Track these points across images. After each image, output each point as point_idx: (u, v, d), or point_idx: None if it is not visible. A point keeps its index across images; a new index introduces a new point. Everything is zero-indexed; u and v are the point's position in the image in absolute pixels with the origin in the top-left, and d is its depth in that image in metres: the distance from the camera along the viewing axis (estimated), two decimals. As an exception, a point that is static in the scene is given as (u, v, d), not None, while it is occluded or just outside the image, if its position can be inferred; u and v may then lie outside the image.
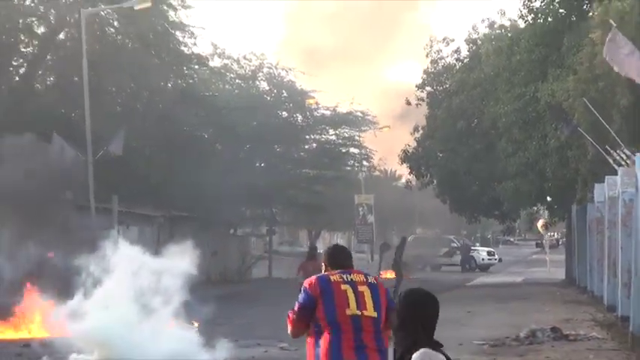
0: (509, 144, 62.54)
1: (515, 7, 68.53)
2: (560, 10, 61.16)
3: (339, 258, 14.09)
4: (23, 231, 45.38)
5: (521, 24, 65.96)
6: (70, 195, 48.98)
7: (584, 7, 59.74)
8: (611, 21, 39.22)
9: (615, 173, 39.70)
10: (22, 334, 36.83)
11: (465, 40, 75.26)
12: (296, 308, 13.11)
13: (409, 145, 78.63)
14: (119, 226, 41.79)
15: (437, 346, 7.43)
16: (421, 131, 77.24)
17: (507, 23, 69.75)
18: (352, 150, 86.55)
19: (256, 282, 70.65)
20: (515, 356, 31.34)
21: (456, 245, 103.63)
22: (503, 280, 79.59)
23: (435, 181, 79.98)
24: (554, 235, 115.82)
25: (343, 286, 12.59)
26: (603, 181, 42.62)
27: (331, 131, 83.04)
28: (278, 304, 31.57)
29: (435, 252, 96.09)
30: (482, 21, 73.44)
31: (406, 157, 78.80)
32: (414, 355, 6.52)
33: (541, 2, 62.18)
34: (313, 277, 13.75)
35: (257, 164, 72.88)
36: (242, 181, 65.07)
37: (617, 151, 39.40)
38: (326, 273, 13.62)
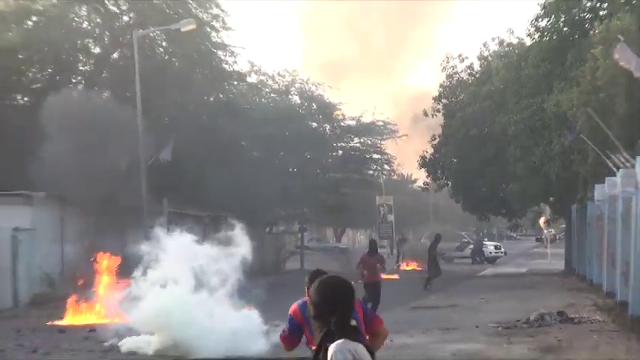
0: (517, 150, 62.56)
1: (523, 27, 68.28)
2: (565, 29, 61.47)
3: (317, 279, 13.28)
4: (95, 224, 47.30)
5: (528, 42, 65.96)
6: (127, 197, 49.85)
7: (586, 25, 59.90)
8: (620, 36, 39.88)
9: (613, 175, 40.06)
10: (88, 320, 36.97)
11: (477, 57, 75.24)
12: (286, 333, 13.90)
13: (427, 152, 79.03)
14: (169, 225, 41.60)
15: (355, 335, 7.10)
16: (438, 139, 77.23)
17: (515, 41, 69.47)
18: (374, 156, 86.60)
19: (290, 273, 70.81)
20: (527, 337, 31.60)
21: (466, 240, 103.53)
22: (510, 271, 79.40)
23: (449, 184, 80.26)
24: (552, 231, 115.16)
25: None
26: (603, 182, 42.77)
27: (356, 139, 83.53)
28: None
29: (449, 246, 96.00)
30: (493, 39, 73.47)
31: (424, 163, 79.23)
32: (332, 346, 6.46)
33: (547, 22, 62.38)
34: (296, 306, 14.21)
35: (290, 169, 72.88)
36: (277, 184, 66.23)
37: (616, 155, 39.60)
38: (307, 299, 13.34)
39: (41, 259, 47.68)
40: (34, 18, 60.52)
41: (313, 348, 11.81)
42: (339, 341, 6.60)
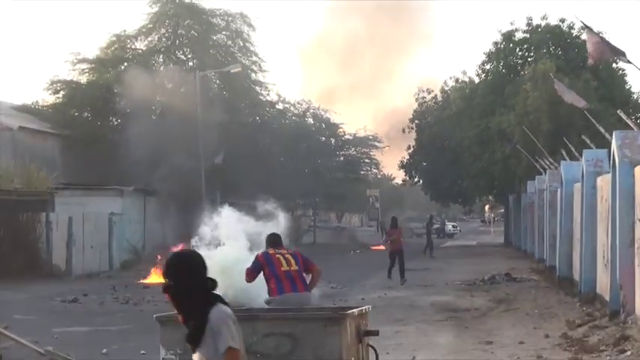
0: (470, 156, 64.21)
1: (473, 69, 69.57)
2: (503, 70, 64.00)
3: (274, 241, 17.11)
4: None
5: (477, 80, 66.87)
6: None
7: (519, 68, 61.86)
8: (551, 74, 42.96)
9: (541, 174, 42.38)
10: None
11: (440, 90, 76.53)
12: (250, 270, 16.43)
13: (404, 158, 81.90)
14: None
15: (222, 300, 6.44)
16: (412, 149, 79.57)
17: (467, 79, 69.48)
18: (366, 160, 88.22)
19: (306, 246, 70.74)
20: (484, 292, 31.54)
21: (436, 220, 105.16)
22: (464, 244, 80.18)
23: (420, 181, 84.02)
24: (492, 215, 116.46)
25: (277, 256, 16.05)
26: (534, 180, 46.03)
27: (352, 149, 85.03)
28: (325, 260, 31.48)
29: (419, 225, 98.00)
30: (450, 77, 74.43)
31: (402, 165, 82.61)
32: (215, 311, 5.67)
33: (490, 65, 63.49)
34: (260, 254, 17.04)
35: (306, 171, 73.49)
36: (296, 182, 67.28)
37: (543, 160, 40.07)
38: (267, 250, 16.71)
39: (129, 235, 49.10)
40: (125, 63, 60.68)
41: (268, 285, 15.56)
42: (218, 307, 5.75)
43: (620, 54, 17.89)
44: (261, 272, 15.96)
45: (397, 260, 35.23)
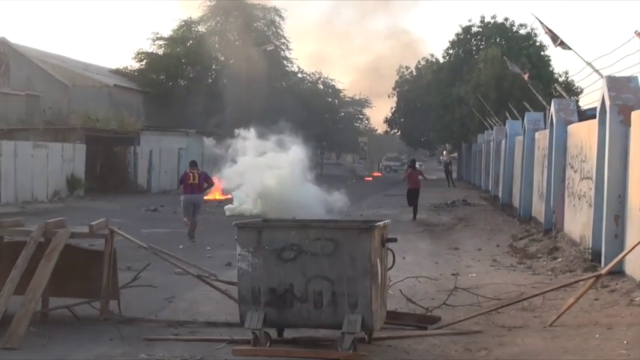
0: (436, 116, 63.91)
1: (440, 53, 69.84)
2: (462, 54, 63.20)
3: (192, 164, 20.79)
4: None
5: (442, 60, 66.56)
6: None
7: (473, 52, 61.12)
8: (504, 57, 44.37)
9: (489, 129, 42.59)
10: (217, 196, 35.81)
11: (414, 67, 76.32)
12: (179, 180, 21.29)
13: (388, 115, 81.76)
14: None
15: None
16: (394, 108, 79.80)
17: (435, 60, 69.60)
18: (359, 116, 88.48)
19: (315, 176, 71.29)
20: (448, 212, 31.56)
21: (405, 160, 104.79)
22: (429, 178, 79.12)
23: (400, 132, 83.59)
24: (449, 158, 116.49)
25: (189, 174, 20.29)
26: (483, 133, 46.22)
27: (351, 108, 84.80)
28: (331, 186, 31.42)
29: (397, 163, 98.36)
30: (423, 58, 75.10)
31: (386, 120, 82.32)
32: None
33: (452, 50, 63.66)
34: (184, 171, 21.23)
35: (319, 123, 73.50)
36: (311, 130, 66.74)
37: (491, 120, 40.05)
38: (187, 170, 20.73)
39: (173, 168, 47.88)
40: (190, 41, 61.20)
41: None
42: None
43: (561, 42, 17.52)
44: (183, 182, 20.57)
45: (412, 198, 29.14)
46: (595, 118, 15.23)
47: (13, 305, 9.47)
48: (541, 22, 18.10)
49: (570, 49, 17.19)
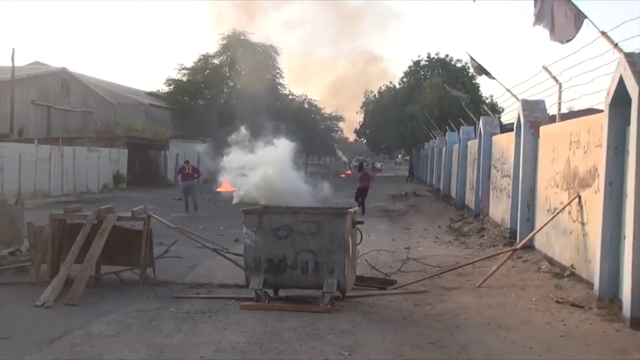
0: (393, 128, 62.34)
1: (397, 80, 68.34)
2: (413, 82, 61.89)
3: (186, 162, 22.86)
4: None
5: (398, 86, 65.63)
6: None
7: (421, 80, 60.28)
8: (445, 85, 43.56)
9: (433, 139, 41.34)
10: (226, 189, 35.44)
11: (377, 91, 74.66)
12: (179, 172, 22.61)
13: (357, 128, 79.51)
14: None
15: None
16: (361, 122, 77.68)
17: (392, 86, 68.75)
18: (335, 128, 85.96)
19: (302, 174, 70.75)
20: (402, 201, 30.93)
21: (369, 161, 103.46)
22: (387, 175, 78.01)
23: (366, 140, 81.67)
24: (401, 161, 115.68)
25: (185, 167, 21.89)
26: (428, 142, 45.36)
27: (328, 122, 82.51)
28: (315, 181, 31.19)
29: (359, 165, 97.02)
30: (383, 84, 73.34)
31: (356, 131, 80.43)
32: None
33: (406, 78, 62.99)
34: (181, 167, 22.90)
35: (305, 133, 72.54)
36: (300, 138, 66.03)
37: (435, 132, 39.65)
38: (183, 165, 22.57)
39: (208, 165, 45.66)
40: (207, 71, 60.66)
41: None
42: None
43: (487, 72, 17.51)
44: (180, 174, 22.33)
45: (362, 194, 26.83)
46: (512, 131, 15.34)
47: (73, 272, 9.47)
48: (471, 58, 18.05)
49: (494, 78, 17.21)
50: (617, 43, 8.88)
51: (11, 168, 26.88)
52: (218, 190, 33.59)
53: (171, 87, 59.66)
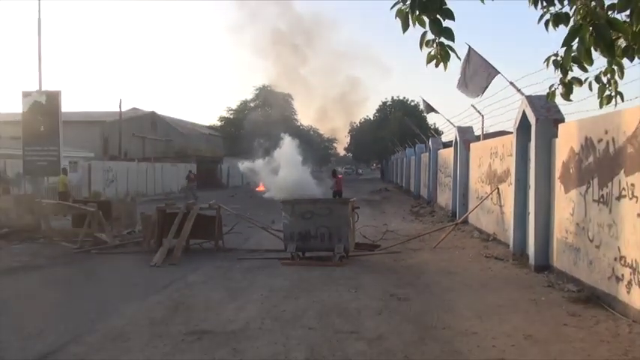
0: (371, 146, 60.77)
1: (372, 114, 66.30)
2: (381, 116, 60.33)
3: (190, 171, 19.17)
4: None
5: (372, 118, 64.15)
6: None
7: (388, 114, 58.74)
8: (405, 117, 40.99)
9: (397, 152, 39.92)
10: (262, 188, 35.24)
11: (359, 121, 71.63)
12: (187, 177, 18.38)
13: (346, 146, 76.01)
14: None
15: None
16: (349, 142, 73.96)
17: (369, 118, 67.18)
18: (331, 147, 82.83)
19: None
20: (378, 195, 29.99)
21: (353, 168, 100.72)
22: (366, 177, 74.85)
23: (352, 154, 77.19)
24: (375, 167, 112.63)
25: (191, 175, 18.82)
26: (395, 154, 43.09)
27: (327, 143, 79.81)
28: (320, 184, 30.99)
29: (349, 170, 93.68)
30: (363, 117, 70.56)
31: (346, 148, 76.33)
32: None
33: (378, 114, 61.74)
34: (190, 173, 18.90)
35: (312, 150, 71.22)
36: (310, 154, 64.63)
37: (397, 148, 38.94)
38: (190, 171, 18.24)
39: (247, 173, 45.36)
40: (246, 111, 60.07)
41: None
42: None
43: (433, 110, 17.57)
44: None
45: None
46: (451, 147, 15.44)
47: (171, 244, 9.59)
48: (423, 100, 18.10)
49: (438, 112, 17.36)
50: (520, 89, 9.11)
51: (121, 178, 27.08)
52: (257, 189, 33.70)
53: (223, 122, 59.73)
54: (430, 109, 17.90)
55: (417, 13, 2.83)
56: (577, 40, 2.87)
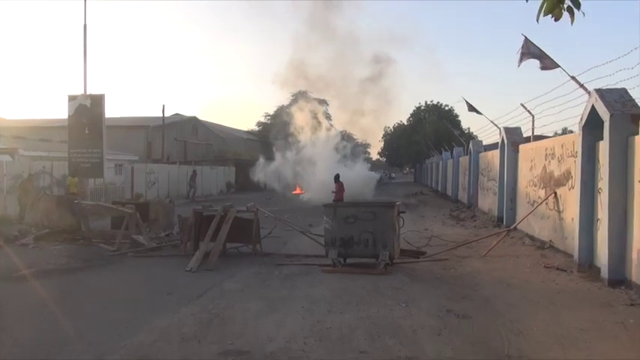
0: (404, 150, 59.57)
1: (406, 118, 65.08)
2: (417, 119, 58.86)
3: (194, 172, 17.45)
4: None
5: (406, 123, 62.68)
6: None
7: (422, 118, 57.72)
8: (444, 120, 39.87)
9: (431, 157, 39.19)
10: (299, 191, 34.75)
11: (392, 126, 70.45)
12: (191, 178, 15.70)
13: (380, 150, 72.78)
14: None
15: None
16: (382, 147, 71.77)
17: (402, 123, 65.91)
18: (364, 152, 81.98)
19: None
20: (414, 198, 28.93)
21: (387, 172, 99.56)
22: (399, 181, 74.10)
23: (386, 158, 73.91)
24: (408, 172, 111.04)
25: (195, 175, 16.95)
26: (429, 158, 42.48)
27: (360, 148, 78.64)
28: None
29: (384, 174, 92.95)
30: (397, 121, 69.13)
31: (380, 153, 72.90)
32: None
33: (412, 118, 60.48)
34: (194, 173, 16.87)
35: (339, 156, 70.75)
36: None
37: (432, 152, 37.94)
38: (195, 170, 16.17)
39: (282, 175, 44.81)
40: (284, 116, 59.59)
41: None
42: None
43: (475, 110, 16.58)
44: None
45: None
46: (491, 149, 14.43)
47: (208, 247, 9.06)
48: (466, 101, 17.11)
49: (481, 113, 16.32)
50: (582, 84, 8.04)
51: (162, 181, 27.04)
52: (294, 192, 33.25)
53: (260, 127, 59.70)
54: (472, 109, 16.99)
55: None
56: None
